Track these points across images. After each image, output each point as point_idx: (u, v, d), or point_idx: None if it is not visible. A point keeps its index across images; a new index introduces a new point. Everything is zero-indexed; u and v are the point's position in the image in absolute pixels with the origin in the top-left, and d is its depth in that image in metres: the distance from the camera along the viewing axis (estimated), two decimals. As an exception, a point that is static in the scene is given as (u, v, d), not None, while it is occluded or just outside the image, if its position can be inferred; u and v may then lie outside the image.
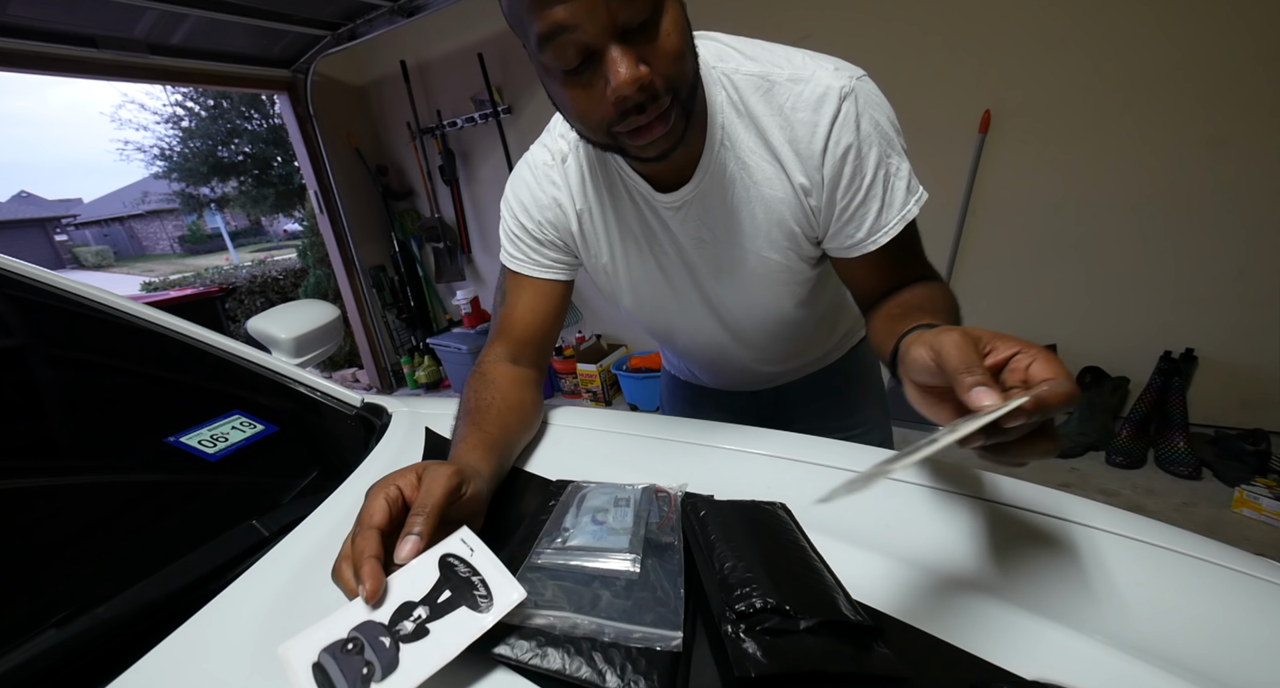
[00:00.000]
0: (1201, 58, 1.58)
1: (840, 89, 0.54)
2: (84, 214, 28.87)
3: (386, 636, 0.33)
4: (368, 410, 0.78)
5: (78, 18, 2.16)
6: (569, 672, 0.33)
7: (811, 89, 0.55)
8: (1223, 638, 0.35)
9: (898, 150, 0.57)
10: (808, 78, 0.55)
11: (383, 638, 0.33)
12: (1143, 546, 0.42)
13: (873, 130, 0.55)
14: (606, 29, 0.43)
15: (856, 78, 0.55)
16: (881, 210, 0.58)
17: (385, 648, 0.32)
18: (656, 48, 0.45)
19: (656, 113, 0.48)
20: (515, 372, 0.67)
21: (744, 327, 0.75)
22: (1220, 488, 1.64)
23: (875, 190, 0.57)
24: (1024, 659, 0.33)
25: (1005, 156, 1.92)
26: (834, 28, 2.00)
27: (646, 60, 0.45)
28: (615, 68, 0.44)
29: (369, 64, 3.26)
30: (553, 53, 0.45)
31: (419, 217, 3.49)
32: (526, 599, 0.36)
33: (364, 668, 0.31)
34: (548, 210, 0.67)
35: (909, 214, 0.58)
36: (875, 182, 0.57)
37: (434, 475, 0.44)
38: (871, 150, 0.56)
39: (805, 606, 0.36)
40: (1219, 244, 1.70)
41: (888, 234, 0.58)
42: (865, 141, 0.55)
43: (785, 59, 0.57)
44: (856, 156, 0.55)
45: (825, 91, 0.54)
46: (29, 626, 0.40)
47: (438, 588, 0.36)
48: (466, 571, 0.37)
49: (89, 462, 0.61)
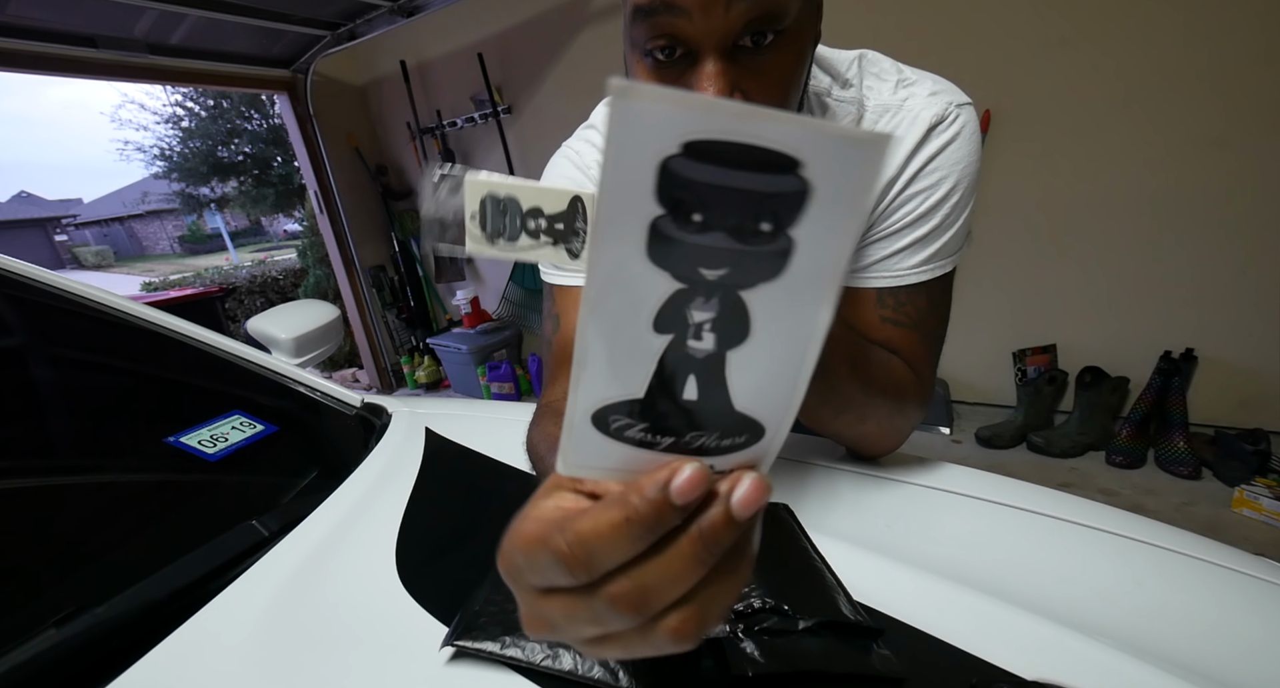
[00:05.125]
0: (1201, 58, 1.58)
1: (932, 117, 0.48)
2: (84, 214, 28.86)
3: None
4: (368, 411, 0.78)
5: (77, 18, 2.15)
6: (581, 673, 0.33)
7: (898, 120, 0.50)
8: (1223, 638, 0.35)
9: (966, 201, 0.50)
10: (897, 107, 0.50)
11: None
12: (1143, 546, 0.42)
13: (951, 165, 0.49)
14: (716, 29, 0.36)
15: (957, 105, 0.49)
16: (904, 251, 0.50)
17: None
18: (762, 80, 0.39)
19: None
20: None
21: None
22: (1220, 488, 1.63)
23: (915, 228, 0.49)
24: (1024, 659, 0.33)
25: (1005, 156, 1.92)
26: (834, 28, 1.99)
27: (744, 89, 0.39)
28: (703, 85, 0.38)
29: (369, 64, 3.26)
30: (646, 29, 0.38)
31: (419, 217, 3.49)
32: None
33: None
34: None
35: (921, 274, 0.50)
36: (921, 219, 0.49)
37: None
38: (941, 184, 0.49)
39: (805, 606, 0.36)
40: (1219, 244, 1.70)
41: (887, 279, 0.50)
42: (936, 171, 0.49)
43: (877, 85, 0.52)
44: (921, 183, 0.49)
45: (915, 119, 0.49)
46: (29, 626, 0.40)
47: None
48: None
49: (89, 462, 0.61)
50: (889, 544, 0.44)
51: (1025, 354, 2.05)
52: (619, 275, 0.16)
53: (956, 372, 2.26)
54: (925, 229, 0.49)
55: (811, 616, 0.35)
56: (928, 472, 0.53)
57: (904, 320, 0.51)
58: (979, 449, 2.00)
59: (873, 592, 0.39)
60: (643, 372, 0.18)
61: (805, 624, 0.34)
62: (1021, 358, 2.06)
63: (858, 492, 0.50)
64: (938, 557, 0.42)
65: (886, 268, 0.51)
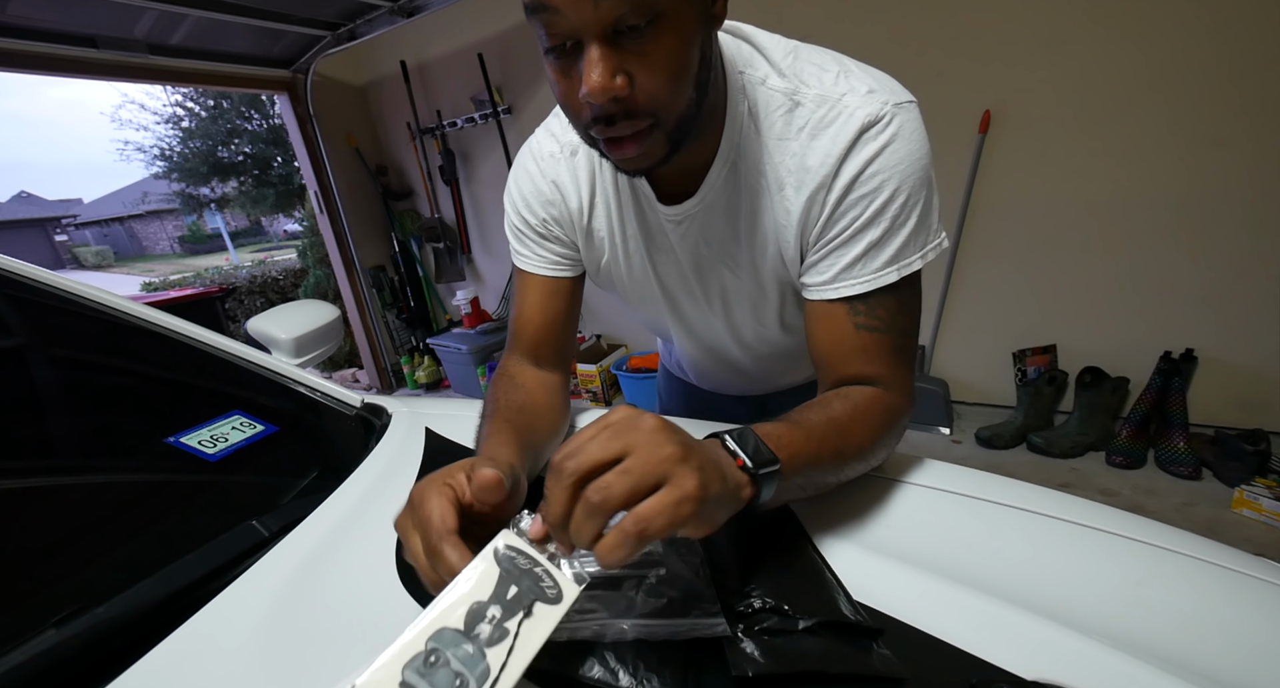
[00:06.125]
0: (1201, 58, 1.58)
1: (866, 117, 0.47)
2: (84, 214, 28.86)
3: (466, 642, 0.30)
4: (368, 411, 0.78)
5: (77, 18, 2.15)
6: (581, 673, 0.33)
7: (835, 113, 0.49)
8: (1223, 638, 0.35)
9: (915, 201, 0.49)
10: (835, 99, 0.49)
11: (464, 645, 0.30)
12: (1143, 546, 0.42)
13: (890, 168, 0.48)
14: (590, 21, 0.38)
15: (894, 104, 0.48)
16: (861, 259, 0.50)
17: (470, 655, 0.30)
18: (647, 61, 0.40)
19: (630, 130, 0.42)
20: (540, 375, 0.64)
21: (728, 345, 0.73)
22: (1220, 488, 1.63)
23: (864, 234, 0.49)
24: (1024, 659, 0.33)
25: (1005, 156, 1.92)
26: (834, 28, 2.00)
27: (630, 71, 0.40)
28: (589, 71, 0.39)
29: (369, 64, 3.26)
30: (536, 24, 0.40)
31: (419, 217, 3.49)
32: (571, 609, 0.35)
33: (456, 680, 0.29)
34: (553, 206, 0.62)
35: (885, 277, 0.50)
36: (869, 225, 0.49)
37: (485, 473, 0.38)
38: (881, 188, 0.48)
39: (805, 606, 0.36)
40: (1219, 244, 1.70)
41: (853, 287, 0.50)
42: (875, 176, 0.48)
43: (817, 74, 0.51)
44: (860, 190, 0.49)
45: (849, 117, 0.48)
46: (29, 626, 0.40)
47: (503, 584, 0.33)
48: (527, 562, 0.34)
49: (89, 462, 0.61)
50: (889, 544, 0.44)
51: (1025, 354, 2.05)
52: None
53: (956, 372, 2.26)
54: (877, 233, 0.49)
55: (811, 616, 0.35)
56: (928, 472, 0.53)
57: (877, 325, 0.51)
58: (979, 449, 2.01)
59: (873, 592, 0.39)
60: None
61: (805, 624, 0.34)
62: (1021, 358, 2.06)
63: (857, 492, 0.50)
64: (938, 557, 0.42)
65: (852, 276, 0.51)
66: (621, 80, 0.40)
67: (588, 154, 0.60)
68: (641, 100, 0.41)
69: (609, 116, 0.42)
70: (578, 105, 0.42)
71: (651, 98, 0.41)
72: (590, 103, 0.40)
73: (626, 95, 0.40)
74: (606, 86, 0.39)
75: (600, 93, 0.39)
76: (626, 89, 0.40)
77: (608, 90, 0.39)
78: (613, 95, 0.40)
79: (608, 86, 0.39)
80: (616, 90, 0.40)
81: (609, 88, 0.39)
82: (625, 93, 0.40)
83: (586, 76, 0.39)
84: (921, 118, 0.50)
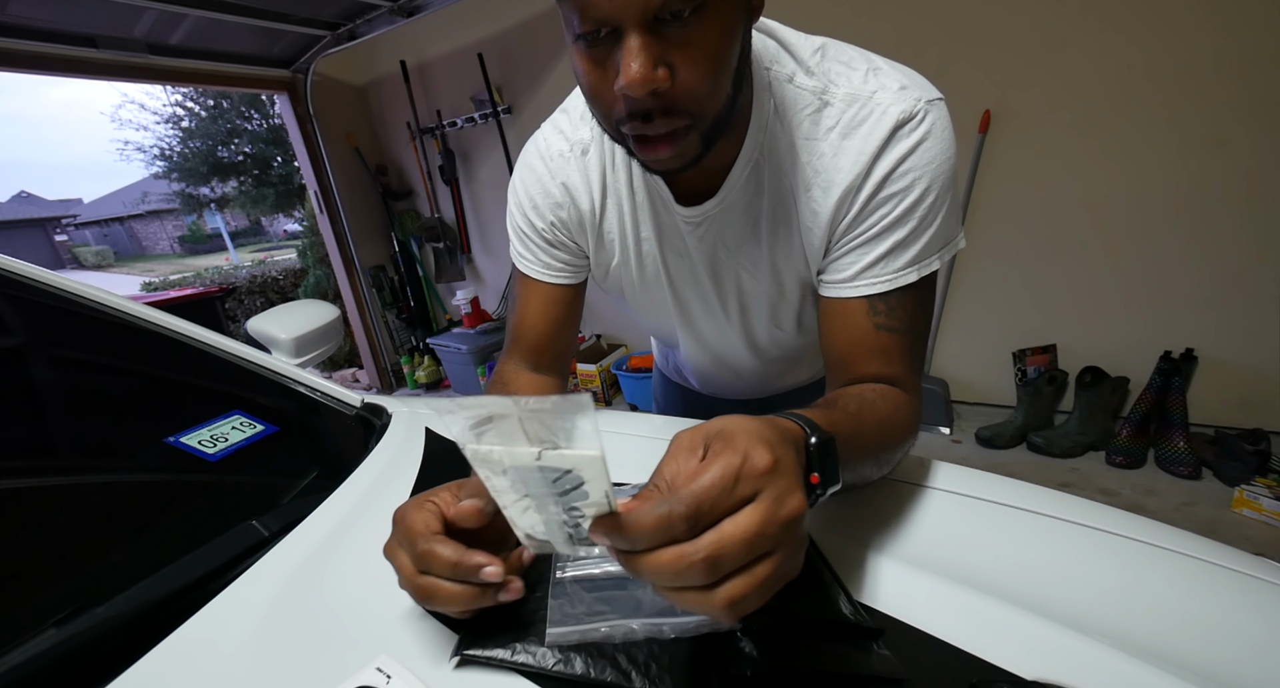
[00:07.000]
0: (1201, 58, 1.58)
1: (900, 114, 0.46)
2: (84, 214, 28.87)
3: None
4: (368, 411, 0.78)
5: (77, 18, 2.15)
6: (594, 676, 0.33)
7: (867, 112, 0.47)
8: (1223, 638, 0.35)
9: (943, 200, 0.48)
10: (866, 97, 0.47)
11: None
12: (1143, 546, 0.42)
13: (923, 166, 0.47)
14: (632, 8, 0.36)
15: (926, 101, 0.47)
16: (885, 257, 0.49)
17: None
18: (689, 53, 0.38)
19: (666, 128, 0.40)
20: (538, 380, 0.63)
21: (738, 347, 0.72)
22: (1220, 488, 1.63)
23: (891, 233, 0.48)
24: (1024, 659, 0.33)
25: (1005, 156, 1.92)
26: (833, 28, 1.99)
27: (671, 63, 0.38)
28: (628, 61, 0.36)
29: (369, 64, 3.26)
30: (571, 13, 0.38)
31: (419, 217, 3.49)
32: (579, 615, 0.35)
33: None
34: (561, 209, 0.60)
35: (905, 276, 0.49)
36: (897, 224, 0.48)
37: (464, 506, 0.36)
38: (913, 187, 0.47)
39: (805, 605, 0.36)
40: (1219, 244, 1.70)
41: (874, 285, 0.50)
42: (907, 174, 0.47)
43: (846, 72, 0.49)
44: (891, 187, 0.48)
45: (882, 114, 0.47)
46: (29, 626, 0.40)
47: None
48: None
49: (89, 462, 0.61)
50: (889, 544, 0.44)
51: (1025, 354, 2.05)
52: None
53: (956, 372, 2.26)
54: (904, 232, 0.48)
55: (811, 615, 0.35)
56: (928, 472, 0.53)
57: (897, 326, 0.50)
58: (979, 449, 2.01)
59: (873, 592, 0.39)
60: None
61: (805, 624, 0.34)
62: (1021, 358, 2.06)
63: (857, 492, 0.50)
64: (938, 557, 0.42)
65: (875, 274, 0.50)
66: (663, 72, 0.37)
67: (599, 153, 0.57)
68: (681, 95, 0.39)
69: (646, 112, 0.39)
70: (610, 99, 0.40)
71: (691, 93, 0.39)
72: (627, 95, 0.38)
73: (667, 89, 0.38)
74: (648, 78, 0.37)
75: (640, 85, 0.37)
76: (668, 81, 0.38)
77: (649, 82, 0.37)
78: (653, 88, 0.37)
79: (649, 78, 0.37)
80: (658, 82, 0.37)
81: (650, 79, 0.37)
82: (666, 86, 0.38)
83: (625, 67, 0.37)
84: (950, 116, 0.49)
